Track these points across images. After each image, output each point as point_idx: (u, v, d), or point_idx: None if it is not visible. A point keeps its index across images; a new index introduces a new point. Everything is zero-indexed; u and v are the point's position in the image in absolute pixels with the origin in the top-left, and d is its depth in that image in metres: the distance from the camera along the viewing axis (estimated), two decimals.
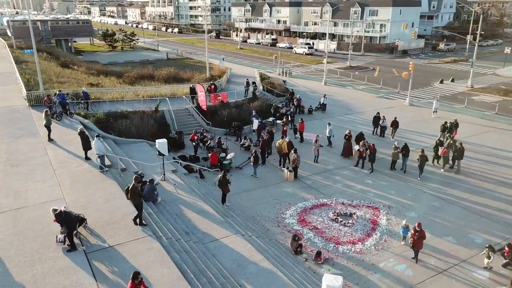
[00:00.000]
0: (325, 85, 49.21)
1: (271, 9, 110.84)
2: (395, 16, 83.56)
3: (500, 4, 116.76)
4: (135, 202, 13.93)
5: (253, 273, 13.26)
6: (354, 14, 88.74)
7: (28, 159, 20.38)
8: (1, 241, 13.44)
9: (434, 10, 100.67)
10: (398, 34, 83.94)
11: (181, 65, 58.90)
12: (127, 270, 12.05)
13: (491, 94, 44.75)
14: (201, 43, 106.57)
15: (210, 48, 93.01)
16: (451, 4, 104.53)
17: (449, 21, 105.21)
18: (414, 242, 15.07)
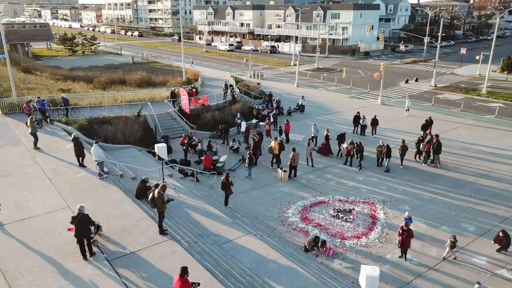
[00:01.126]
0: (298, 87, 50.25)
1: (234, 12, 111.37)
2: (356, 19, 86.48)
3: (450, 7, 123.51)
4: (161, 209, 13.92)
5: (274, 270, 13.59)
6: (317, 17, 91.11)
7: (18, 169, 19.65)
8: (14, 253, 12.99)
9: (391, 13, 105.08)
10: (359, 36, 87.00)
11: (148, 69, 57.92)
12: (155, 275, 12.06)
13: (453, 92, 47.48)
14: (165, 46, 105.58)
15: (175, 51, 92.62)
16: (406, 7, 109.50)
17: (405, 23, 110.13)
18: (402, 241, 15.35)
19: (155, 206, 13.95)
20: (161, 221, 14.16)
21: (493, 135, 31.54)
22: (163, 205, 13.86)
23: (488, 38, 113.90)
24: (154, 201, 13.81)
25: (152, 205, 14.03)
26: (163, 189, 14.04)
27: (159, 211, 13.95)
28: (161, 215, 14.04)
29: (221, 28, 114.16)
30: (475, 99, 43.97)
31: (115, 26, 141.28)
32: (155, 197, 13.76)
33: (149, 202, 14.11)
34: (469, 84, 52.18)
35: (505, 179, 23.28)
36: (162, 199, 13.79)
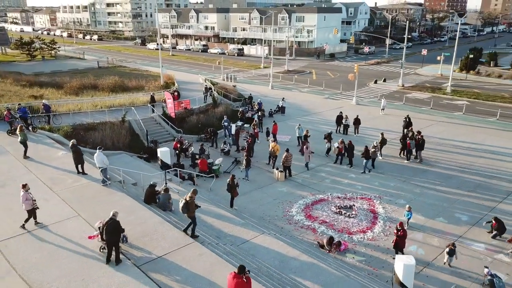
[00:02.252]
0: (272, 89, 50.93)
1: (198, 15, 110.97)
2: (320, 22, 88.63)
3: (406, 10, 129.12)
4: (193, 214, 13.97)
5: (298, 267, 13.99)
6: (282, 20, 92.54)
7: (12, 179, 18.93)
8: (36, 264, 12.61)
9: (352, 16, 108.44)
10: (324, 39, 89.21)
11: (116, 73, 56.56)
12: (189, 277, 12.13)
13: (421, 91, 49.87)
14: (128, 50, 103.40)
15: (140, 55, 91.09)
16: (365, 10, 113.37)
17: (365, 26, 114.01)
18: (397, 241, 15.67)
19: (187, 211, 13.99)
20: (195, 225, 14.28)
21: (465, 131, 33.52)
22: (195, 209, 13.94)
23: (442, 40, 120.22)
24: (188, 206, 13.85)
25: (184, 210, 14.05)
26: (194, 194, 14.11)
27: (191, 216, 14.01)
28: (194, 219, 14.11)
29: (185, 31, 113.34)
30: (442, 97, 46.42)
31: (73, 29, 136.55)
32: (188, 202, 13.80)
33: (181, 208, 14.10)
34: (433, 84, 54.98)
35: (484, 172, 24.90)
36: (194, 204, 13.89)
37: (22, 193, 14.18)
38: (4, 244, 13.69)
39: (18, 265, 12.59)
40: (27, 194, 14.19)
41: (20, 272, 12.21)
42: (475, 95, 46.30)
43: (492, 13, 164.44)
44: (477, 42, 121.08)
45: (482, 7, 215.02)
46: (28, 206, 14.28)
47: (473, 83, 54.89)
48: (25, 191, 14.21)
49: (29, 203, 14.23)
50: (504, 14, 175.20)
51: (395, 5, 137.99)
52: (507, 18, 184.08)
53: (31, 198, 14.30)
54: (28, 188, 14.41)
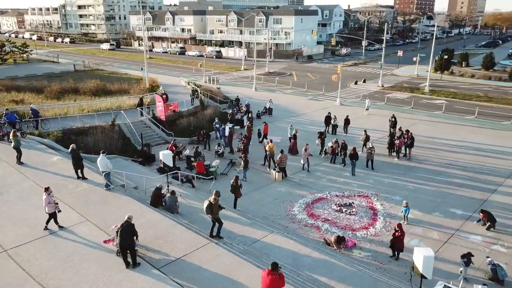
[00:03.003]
0: (256, 91, 51.25)
1: (174, 17, 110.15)
2: (297, 24, 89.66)
3: (378, 13, 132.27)
4: (216, 215, 14.21)
5: (311, 264, 14.32)
6: (259, 23, 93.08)
7: (9, 185, 18.53)
8: (53, 271, 12.44)
9: (327, 18, 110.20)
10: (301, 41, 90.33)
11: (95, 77, 55.53)
12: (211, 277, 12.25)
13: (400, 91, 51.34)
14: (103, 53, 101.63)
15: (117, 58, 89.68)
16: (340, 13, 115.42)
17: (340, 28, 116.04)
18: (394, 240, 15.91)
19: (211, 213, 14.11)
20: (220, 226, 14.55)
21: (447, 129, 34.80)
22: (219, 210, 14.10)
23: (413, 41, 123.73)
24: (212, 207, 13.97)
25: (208, 211, 14.16)
26: (218, 195, 14.27)
27: (215, 217, 14.16)
28: (219, 221, 14.42)
29: (161, 34, 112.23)
30: (421, 97, 47.92)
31: (45, 32, 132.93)
32: (212, 203, 13.95)
33: (205, 209, 14.22)
34: (411, 84, 56.67)
35: (471, 168, 25.98)
36: (219, 206, 14.05)
37: (44, 196, 14.23)
38: (15, 252, 13.41)
39: (34, 272, 12.39)
40: (50, 197, 14.26)
41: (38, 280, 12.02)
42: (452, 95, 48.05)
43: (459, 15, 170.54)
44: (447, 43, 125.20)
45: (449, 9, 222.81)
46: (51, 209, 14.34)
47: (448, 83, 56.89)
48: (47, 194, 14.25)
49: (52, 206, 14.30)
50: (470, 17, 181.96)
51: (368, 8, 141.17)
52: (472, 20, 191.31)
53: (54, 201, 14.30)
54: (51, 191, 14.45)
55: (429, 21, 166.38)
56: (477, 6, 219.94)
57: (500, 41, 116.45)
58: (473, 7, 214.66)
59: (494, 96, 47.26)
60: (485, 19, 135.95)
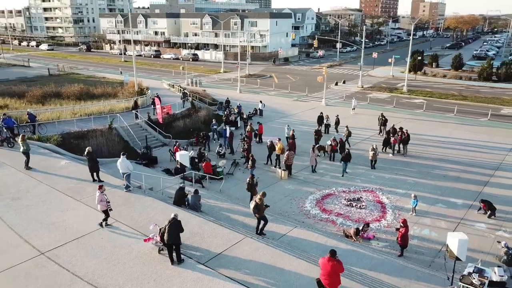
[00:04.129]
0: (241, 93, 51.80)
1: (147, 20, 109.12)
2: (272, 27, 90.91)
3: (347, 15, 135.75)
4: (262, 214, 14.89)
5: (341, 254, 14.69)
6: (234, 25, 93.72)
7: (25, 190, 18.29)
8: (98, 270, 12.57)
9: (300, 21, 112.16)
10: (276, 43, 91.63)
11: (72, 81, 54.37)
12: (257, 269, 12.76)
13: (380, 91, 53.26)
14: (74, 56, 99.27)
15: (90, 61, 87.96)
16: (312, 16, 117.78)
17: (312, 31, 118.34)
18: (400, 236, 16.20)
19: (257, 212, 14.63)
20: (265, 224, 15.28)
21: (431, 126, 36.57)
22: (264, 209, 14.64)
23: (382, 43, 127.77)
24: (258, 207, 14.52)
25: (255, 211, 14.71)
26: (263, 196, 14.88)
27: (261, 216, 14.81)
28: (264, 219, 15.12)
29: (133, 37, 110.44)
30: (400, 96, 49.88)
31: (9, 35, 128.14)
32: (258, 203, 14.48)
33: (252, 209, 14.76)
34: (388, 84, 58.82)
35: (461, 162, 27.57)
36: (264, 205, 14.78)
37: (98, 194, 14.51)
38: (54, 254, 13.41)
39: (80, 272, 12.47)
40: (102, 195, 14.51)
41: (86, 279, 12.13)
42: (429, 94, 50.33)
43: (423, 18, 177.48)
44: (413, 45, 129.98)
45: (412, 13, 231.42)
46: (103, 207, 14.65)
47: (423, 83, 59.44)
48: (101, 192, 14.50)
49: (104, 203, 14.61)
50: (433, 20, 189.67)
51: (337, 11, 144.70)
52: (434, 23, 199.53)
53: (106, 200, 14.53)
54: (104, 190, 14.73)
55: (394, 24, 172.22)
56: (438, 9, 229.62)
57: (463, 43, 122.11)
58: (434, 10, 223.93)
59: (468, 95, 49.88)
60: (448, 22, 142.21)
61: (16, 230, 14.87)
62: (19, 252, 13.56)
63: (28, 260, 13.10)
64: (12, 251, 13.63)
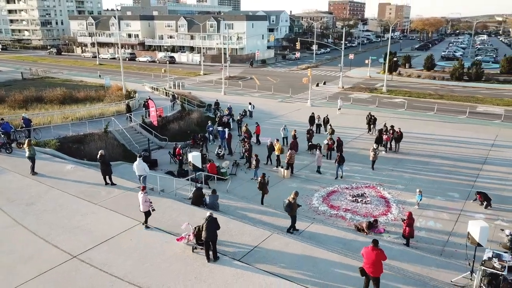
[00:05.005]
0: (225, 94, 52.09)
1: (120, 22, 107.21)
2: (249, 29, 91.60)
3: (319, 18, 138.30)
4: (294, 213, 15.47)
5: (360, 247, 15.61)
6: (210, 28, 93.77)
7: (37, 196, 18.09)
8: (136, 271, 12.72)
9: (274, 23, 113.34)
10: (253, 45, 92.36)
11: (49, 85, 52.86)
12: (293, 262, 13.29)
13: (360, 91, 54.84)
14: (45, 60, 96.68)
15: (62, 65, 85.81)
16: (286, 18, 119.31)
17: (286, 33, 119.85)
18: (406, 228, 17.04)
19: (290, 211, 15.07)
20: (295, 222, 15.83)
21: (415, 124, 38.13)
22: (297, 208, 15.17)
23: (353, 45, 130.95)
24: (291, 206, 15.00)
25: (288, 209, 15.16)
26: (296, 195, 15.53)
27: (293, 215, 15.45)
28: (295, 217, 15.67)
29: (106, 40, 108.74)
30: (380, 96, 51.57)
31: None
32: (291, 202, 14.95)
33: (285, 208, 15.23)
34: (367, 85, 60.59)
35: (450, 157, 28.98)
36: (297, 205, 15.42)
37: (141, 195, 14.70)
38: (86, 257, 13.43)
39: (118, 274, 12.58)
40: (146, 196, 14.67)
41: (127, 279, 12.26)
42: (408, 94, 52.29)
43: (390, 21, 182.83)
44: (383, 47, 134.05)
45: (379, 15, 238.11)
46: (146, 208, 14.83)
47: (399, 83, 61.58)
48: (144, 193, 14.68)
49: (147, 204, 14.80)
50: (401, 22, 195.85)
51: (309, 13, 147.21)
52: (400, 25, 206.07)
53: (149, 200, 14.68)
54: (146, 191, 14.87)
55: (363, 26, 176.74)
56: (403, 12, 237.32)
57: (430, 44, 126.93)
58: (400, 13, 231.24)
59: (444, 94, 52.18)
60: (414, 24, 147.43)
61: (40, 235, 14.74)
62: (49, 256, 13.49)
63: (61, 263, 13.06)
64: (41, 255, 13.53)
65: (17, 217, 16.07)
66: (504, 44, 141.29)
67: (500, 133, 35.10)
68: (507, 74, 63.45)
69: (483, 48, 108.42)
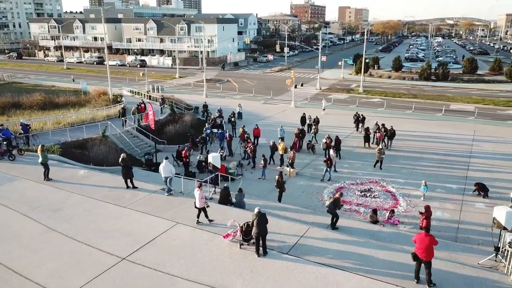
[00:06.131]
0: (207, 97, 52.20)
1: (84, 25, 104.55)
2: (220, 32, 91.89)
3: (285, 21, 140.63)
4: (335, 211, 16.23)
5: (387, 237, 16.65)
6: (181, 31, 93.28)
7: (60, 202, 17.87)
8: (191, 268, 12.99)
9: (242, 26, 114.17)
10: (224, 48, 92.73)
11: (19, 90, 51.14)
12: (338, 252, 13.98)
13: (338, 92, 56.61)
14: (6, 64, 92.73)
15: (26, 70, 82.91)
16: (254, 21, 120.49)
17: (254, 36, 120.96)
18: (423, 221, 18.01)
19: (333, 209, 15.78)
20: (337, 219, 16.56)
21: (397, 122, 39.72)
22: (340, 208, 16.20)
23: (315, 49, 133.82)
24: (336, 203, 15.73)
25: (332, 206, 15.87)
26: (341, 195, 16.43)
27: (334, 212, 16.24)
28: (337, 215, 16.47)
29: (70, 43, 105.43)
30: (358, 96, 53.45)
31: None
32: (336, 200, 15.75)
33: (329, 206, 15.91)
34: (342, 86, 62.55)
35: (438, 152, 30.78)
36: (340, 203, 16.34)
37: (198, 192, 15.17)
38: (136, 258, 13.55)
39: (174, 272, 12.80)
40: (202, 193, 15.10)
41: (187, 278, 12.50)
42: (384, 94, 54.57)
43: (352, 24, 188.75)
44: (347, 49, 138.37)
45: (339, 18, 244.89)
46: (202, 204, 15.23)
47: (372, 84, 63.98)
48: (200, 190, 15.20)
49: (203, 201, 15.19)
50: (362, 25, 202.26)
51: (275, 16, 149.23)
52: (361, 28, 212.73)
53: (205, 197, 15.07)
54: (202, 188, 15.44)
55: (326, 29, 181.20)
56: (362, 15, 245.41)
57: (391, 46, 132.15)
58: (359, 16, 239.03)
59: (417, 93, 54.90)
60: (375, 27, 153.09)
61: (80, 240, 14.64)
62: (97, 259, 13.48)
63: (113, 266, 13.11)
64: (88, 259, 13.49)
65: (47, 223, 15.82)
66: (458, 46, 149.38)
67: (476, 128, 37.57)
68: (469, 74, 67.56)
69: (442, 50, 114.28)
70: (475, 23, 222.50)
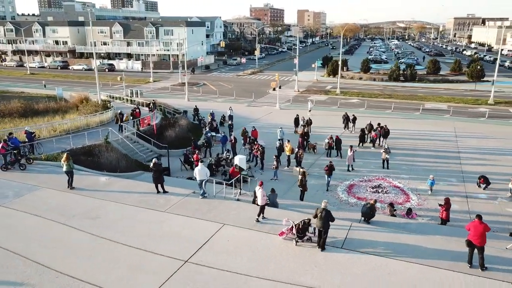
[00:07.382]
0: (189, 101, 52.09)
1: (44, 28, 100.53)
2: (189, 35, 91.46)
3: (249, 24, 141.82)
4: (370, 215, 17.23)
5: (415, 229, 17.74)
6: (149, 34, 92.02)
7: (94, 209, 17.64)
8: (256, 267, 13.35)
9: (209, 29, 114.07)
10: (194, 51, 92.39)
11: None
12: (387, 244, 14.79)
13: (316, 94, 58.20)
14: None
15: None
16: (220, 24, 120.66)
17: (221, 39, 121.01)
18: (443, 213, 19.28)
19: (369, 213, 16.82)
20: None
21: (384, 121, 41.66)
22: None
23: (283, 51, 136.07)
24: (373, 209, 17.11)
25: (367, 210, 16.76)
26: (375, 202, 17.44)
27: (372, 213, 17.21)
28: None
29: (29, 47, 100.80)
30: (337, 98, 55.25)
31: None
32: (373, 205, 16.81)
33: (365, 209, 16.78)
34: (318, 87, 64.31)
35: (430, 149, 32.69)
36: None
37: (260, 190, 15.73)
38: (198, 260, 13.73)
39: (242, 271, 13.09)
40: (264, 192, 15.85)
41: (256, 275, 12.87)
42: (360, 94, 56.73)
43: (311, 27, 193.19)
44: (311, 51, 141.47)
45: (298, 22, 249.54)
46: (263, 202, 15.95)
47: (346, 85, 66.11)
48: (262, 189, 15.97)
49: (265, 199, 15.97)
50: (317, 28, 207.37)
51: (239, 19, 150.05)
52: (319, 31, 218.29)
53: (266, 195, 15.86)
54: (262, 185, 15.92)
55: (287, 32, 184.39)
56: (320, 19, 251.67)
57: (353, 49, 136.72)
58: (318, 19, 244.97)
59: (391, 94, 57.52)
60: (335, 30, 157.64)
61: (135, 246, 14.56)
62: (158, 264, 13.52)
63: (179, 269, 13.23)
64: (150, 264, 13.51)
65: (92, 231, 15.57)
66: (414, 48, 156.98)
67: (456, 125, 40.13)
68: (433, 74, 71.55)
69: (402, 52, 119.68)
70: (426, 26, 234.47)
